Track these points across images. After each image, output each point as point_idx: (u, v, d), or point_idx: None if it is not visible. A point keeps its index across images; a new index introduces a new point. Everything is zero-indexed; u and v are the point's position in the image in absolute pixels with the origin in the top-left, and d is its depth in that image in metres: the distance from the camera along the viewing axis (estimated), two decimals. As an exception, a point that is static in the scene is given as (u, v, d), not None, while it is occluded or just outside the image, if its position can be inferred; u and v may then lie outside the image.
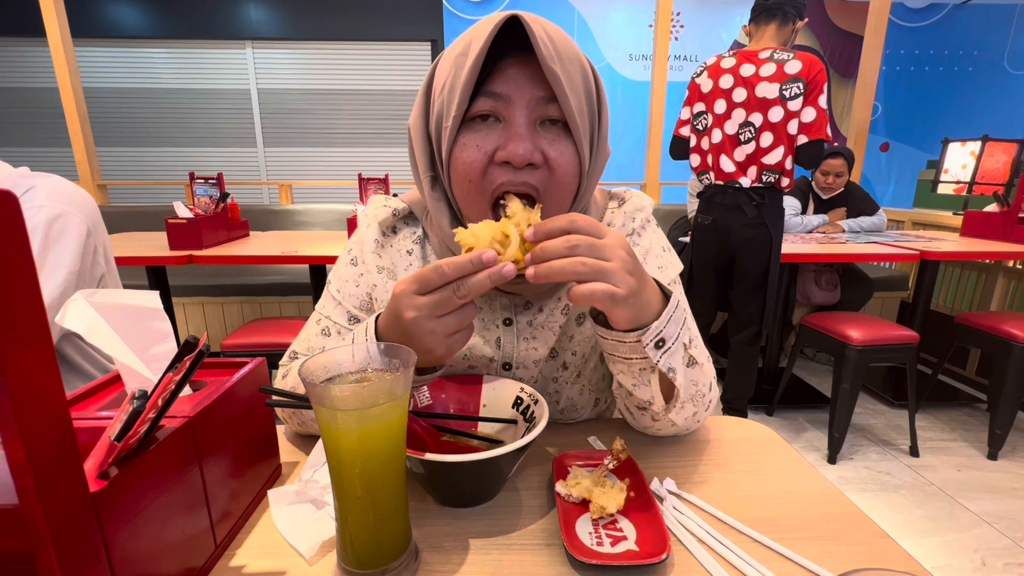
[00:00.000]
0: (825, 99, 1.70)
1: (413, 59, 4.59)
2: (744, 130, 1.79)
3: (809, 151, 1.73)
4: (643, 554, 0.41)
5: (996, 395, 1.94)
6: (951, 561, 1.43)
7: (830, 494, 0.51)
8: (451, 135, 0.49)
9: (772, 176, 1.79)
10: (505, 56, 0.47)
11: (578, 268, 0.41)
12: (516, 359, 0.61)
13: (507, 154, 0.48)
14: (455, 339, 0.45)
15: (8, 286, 0.23)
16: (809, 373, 2.76)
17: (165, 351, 0.43)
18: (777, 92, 1.71)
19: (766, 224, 1.84)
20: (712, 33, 4.61)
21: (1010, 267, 2.52)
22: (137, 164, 4.65)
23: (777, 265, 1.89)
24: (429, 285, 0.42)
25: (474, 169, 0.49)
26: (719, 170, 1.87)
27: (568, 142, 0.50)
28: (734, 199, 1.86)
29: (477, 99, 0.48)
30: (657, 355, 0.45)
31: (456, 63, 0.48)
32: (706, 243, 2.01)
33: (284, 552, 0.43)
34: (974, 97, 4.84)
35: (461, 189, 0.52)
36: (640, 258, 0.62)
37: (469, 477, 0.46)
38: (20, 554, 0.29)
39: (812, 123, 1.70)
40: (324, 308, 0.63)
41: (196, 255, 1.79)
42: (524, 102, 0.48)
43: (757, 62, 1.75)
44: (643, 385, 0.50)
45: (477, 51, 0.45)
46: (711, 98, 1.85)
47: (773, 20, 1.78)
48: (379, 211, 0.62)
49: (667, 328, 0.45)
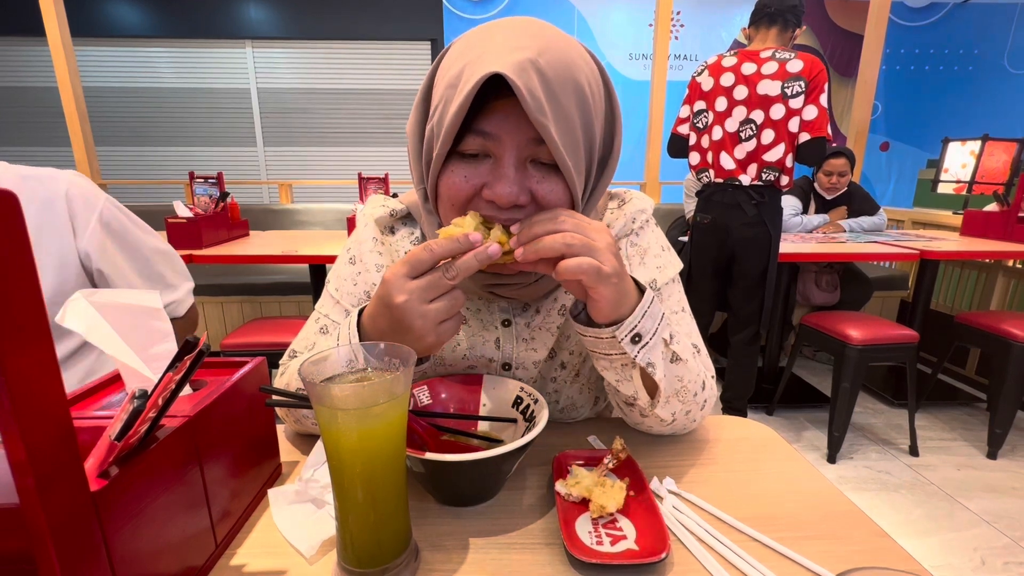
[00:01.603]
0: (826, 98, 1.71)
1: (413, 58, 4.59)
2: (745, 127, 1.80)
3: (811, 149, 1.74)
4: (643, 553, 0.41)
5: (996, 394, 1.94)
6: (950, 560, 1.44)
7: (830, 493, 0.51)
8: (436, 169, 0.48)
9: (772, 174, 1.80)
10: (498, 94, 0.44)
11: (567, 240, 0.43)
12: (515, 360, 0.61)
13: (493, 194, 0.46)
14: (445, 327, 0.45)
15: (8, 286, 0.23)
16: (809, 372, 2.76)
17: (165, 351, 0.43)
18: (779, 89, 1.72)
19: (765, 223, 1.84)
20: (712, 32, 4.62)
21: (1010, 266, 2.52)
22: (137, 163, 4.65)
23: (776, 264, 1.89)
24: (420, 266, 0.43)
25: (459, 198, 0.49)
26: (719, 167, 1.88)
27: (559, 179, 0.48)
28: (734, 197, 1.86)
29: (467, 136, 0.46)
30: (634, 350, 0.46)
31: (446, 95, 0.45)
32: (705, 242, 2.01)
33: (284, 551, 0.43)
34: (974, 96, 4.85)
35: (446, 212, 0.51)
36: (639, 258, 0.62)
37: (469, 476, 0.46)
38: (20, 553, 0.29)
39: (814, 121, 1.71)
40: (323, 307, 0.63)
41: (196, 254, 1.79)
42: (513, 143, 0.46)
43: (759, 60, 1.76)
44: (626, 381, 0.51)
45: (460, 100, 0.43)
46: (712, 96, 1.85)
47: (774, 26, 1.81)
48: (376, 211, 0.63)
49: (642, 323, 0.46)
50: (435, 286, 0.43)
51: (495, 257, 0.44)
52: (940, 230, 2.78)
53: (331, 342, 0.50)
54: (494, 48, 0.43)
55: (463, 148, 0.47)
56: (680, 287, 0.65)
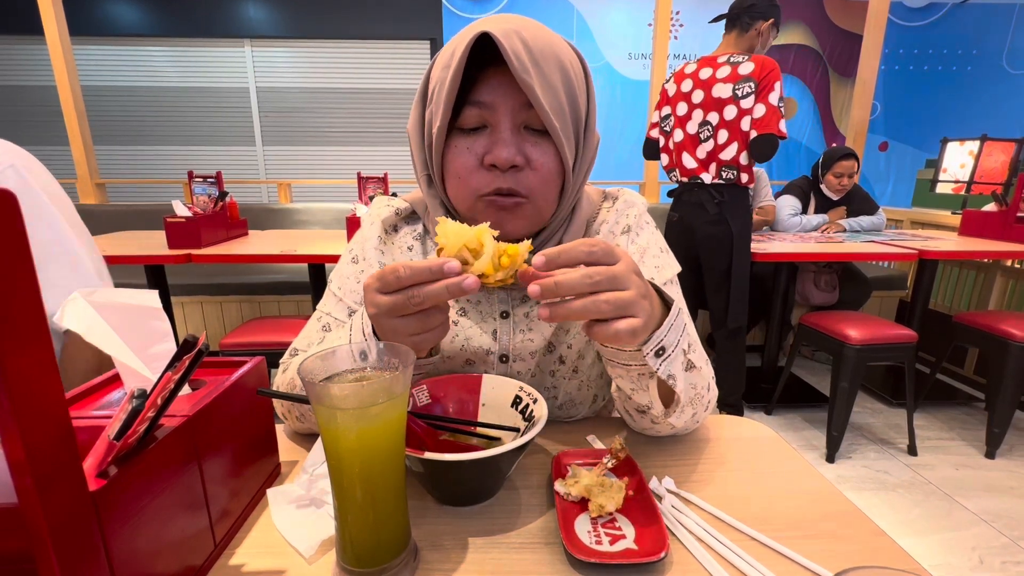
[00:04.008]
0: (776, 96, 1.78)
1: (412, 58, 4.59)
2: (703, 129, 1.91)
3: (760, 145, 1.81)
4: (642, 553, 0.41)
5: (994, 394, 1.94)
6: (949, 559, 1.44)
7: (828, 493, 0.51)
8: (439, 142, 0.53)
9: (731, 172, 1.89)
10: (489, 65, 0.50)
11: (602, 308, 0.39)
12: (513, 351, 0.62)
13: (492, 157, 0.51)
14: (420, 339, 0.44)
15: (8, 286, 0.23)
16: (808, 372, 2.77)
17: (164, 350, 0.43)
18: (730, 92, 1.82)
19: (727, 221, 1.93)
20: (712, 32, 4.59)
21: (1008, 266, 2.52)
22: (135, 163, 4.65)
23: (743, 260, 1.96)
24: (387, 286, 0.42)
25: (465, 169, 0.53)
26: (683, 167, 1.99)
27: (549, 144, 0.53)
28: (698, 197, 1.98)
29: (465, 109, 0.51)
30: (657, 363, 0.45)
31: (441, 75, 0.51)
32: (676, 239, 2.11)
33: (283, 551, 0.43)
34: (973, 96, 4.85)
35: (453, 186, 0.55)
36: (637, 256, 0.64)
37: (468, 476, 0.46)
38: (20, 553, 0.29)
39: (762, 118, 1.79)
40: (325, 306, 0.64)
41: (195, 254, 1.79)
42: (507, 109, 0.51)
43: (715, 66, 1.88)
44: (641, 390, 0.50)
45: (455, 65, 0.48)
46: (675, 101, 1.99)
47: (733, 28, 1.92)
48: (383, 210, 0.65)
49: (668, 336, 0.45)
50: (400, 307, 0.42)
51: (470, 292, 0.41)
52: (938, 230, 2.79)
53: (334, 339, 0.50)
54: (480, 25, 0.48)
55: (462, 123, 0.52)
56: (678, 287, 0.66)
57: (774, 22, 1.88)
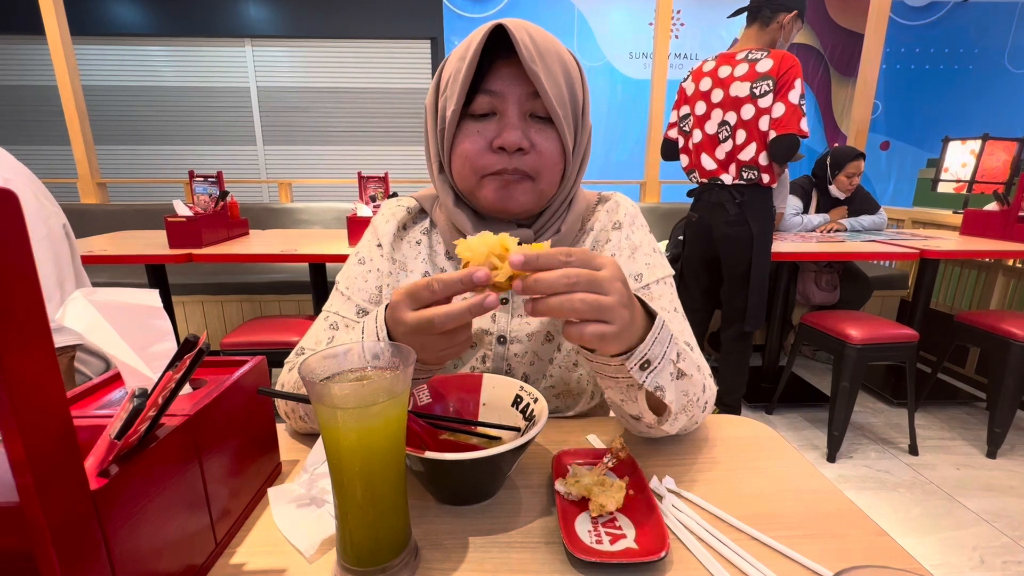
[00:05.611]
0: (797, 95, 1.72)
1: (413, 57, 4.58)
2: (722, 129, 1.86)
3: (779, 145, 1.76)
4: (642, 552, 0.41)
5: (995, 394, 1.94)
6: (949, 559, 1.44)
7: (829, 492, 0.51)
8: (452, 124, 0.57)
9: (751, 173, 1.84)
10: (500, 58, 0.55)
11: (577, 306, 0.40)
12: (510, 333, 0.65)
13: (501, 140, 0.56)
14: (445, 353, 0.47)
15: (8, 286, 0.23)
16: (808, 372, 2.76)
17: (165, 350, 0.43)
18: (748, 90, 1.77)
19: (747, 222, 1.88)
20: (712, 31, 4.60)
21: (1010, 266, 2.52)
22: (136, 162, 4.65)
23: (763, 262, 1.91)
24: (420, 302, 0.44)
25: (474, 150, 0.57)
26: (702, 168, 1.96)
27: (552, 131, 0.58)
28: (718, 197, 1.93)
29: (477, 97, 0.56)
30: (643, 376, 0.45)
31: (457, 65, 0.56)
32: (695, 239, 2.08)
33: (284, 550, 0.43)
34: (974, 95, 4.83)
35: (459, 165, 0.59)
36: (629, 252, 0.66)
37: (469, 475, 0.46)
38: (20, 552, 0.29)
39: (780, 118, 1.75)
40: (332, 306, 0.66)
41: (196, 253, 1.79)
42: (515, 97, 0.56)
43: (733, 63, 1.82)
44: (631, 401, 0.50)
45: (471, 55, 0.53)
46: (693, 100, 1.94)
47: (755, 22, 1.85)
48: (396, 211, 0.69)
49: (652, 349, 0.44)
50: (428, 329, 0.43)
51: (491, 309, 0.42)
52: (940, 229, 2.78)
53: (343, 339, 0.51)
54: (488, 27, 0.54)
55: (474, 109, 0.57)
56: (673, 287, 0.67)
57: (798, 13, 1.80)
